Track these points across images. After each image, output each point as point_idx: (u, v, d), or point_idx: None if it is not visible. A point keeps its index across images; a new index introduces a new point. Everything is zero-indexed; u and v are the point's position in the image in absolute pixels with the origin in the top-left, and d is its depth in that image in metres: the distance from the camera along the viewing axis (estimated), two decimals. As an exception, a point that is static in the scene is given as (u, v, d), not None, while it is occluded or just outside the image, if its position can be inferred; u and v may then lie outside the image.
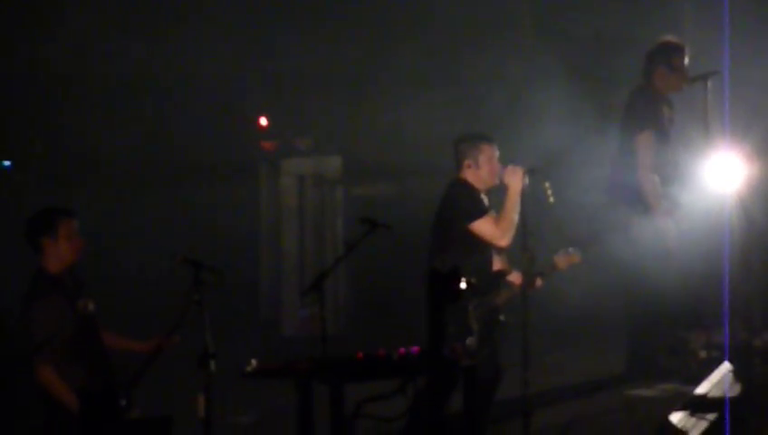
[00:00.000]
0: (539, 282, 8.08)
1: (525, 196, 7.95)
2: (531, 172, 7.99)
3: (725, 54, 8.81)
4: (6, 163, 12.16)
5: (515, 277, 8.05)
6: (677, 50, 9.86)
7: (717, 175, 9.02)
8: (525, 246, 7.81)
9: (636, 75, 10.01)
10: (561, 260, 8.27)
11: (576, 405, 9.30)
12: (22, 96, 11.88)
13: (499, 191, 8.16)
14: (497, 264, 8.14)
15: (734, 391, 7.85)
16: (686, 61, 9.82)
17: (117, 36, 12.01)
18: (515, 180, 7.97)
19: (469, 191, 8.11)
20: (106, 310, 7.58)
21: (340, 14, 12.67)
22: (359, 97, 12.56)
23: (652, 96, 9.82)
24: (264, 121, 13.20)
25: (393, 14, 12.45)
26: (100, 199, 11.77)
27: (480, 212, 8.04)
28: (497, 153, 8.19)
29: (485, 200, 8.16)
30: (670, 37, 9.94)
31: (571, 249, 8.32)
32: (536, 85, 11.76)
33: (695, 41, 10.32)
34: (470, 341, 7.60)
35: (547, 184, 8.00)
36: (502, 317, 8.01)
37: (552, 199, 8.02)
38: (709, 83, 9.24)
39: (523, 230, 7.86)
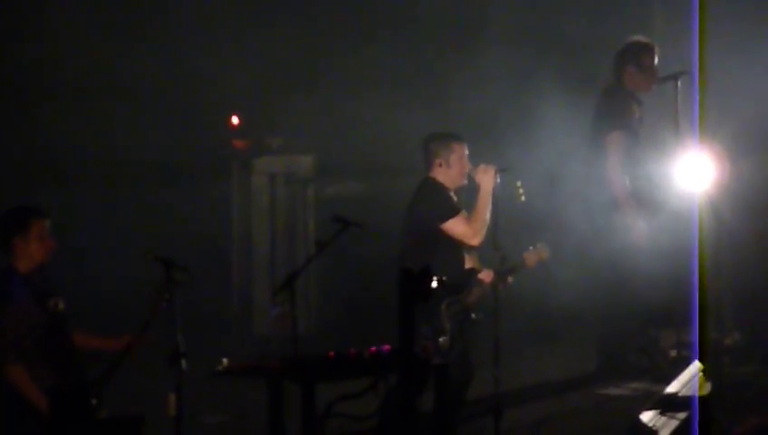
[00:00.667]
0: (509, 279, 8.09)
1: (497, 195, 7.97)
2: (502, 171, 8.00)
3: (695, 54, 8.84)
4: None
5: (486, 275, 8.06)
6: (647, 49, 9.89)
7: (687, 174, 9.05)
8: (497, 245, 7.83)
9: (605, 75, 10.04)
10: (531, 256, 8.29)
11: (547, 404, 9.31)
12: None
13: (468, 190, 8.18)
14: (468, 262, 8.15)
15: (705, 390, 7.87)
16: (656, 60, 9.86)
17: (87, 35, 11.94)
18: (487, 179, 7.98)
19: (440, 190, 8.11)
20: (76, 309, 7.55)
21: (314, 12, 12.65)
22: (331, 96, 12.53)
23: (622, 96, 9.86)
24: (235, 120, 13.17)
25: (368, 12, 12.42)
26: (71, 198, 11.69)
27: (452, 212, 8.04)
28: (467, 152, 8.21)
29: (455, 199, 8.17)
30: (639, 37, 9.98)
31: (539, 245, 8.34)
32: (512, 85, 11.76)
33: (665, 40, 10.36)
34: (443, 340, 7.60)
35: (519, 183, 8.02)
36: (473, 315, 8.01)
37: (523, 198, 8.04)
38: (679, 83, 9.28)
39: (495, 229, 7.87)
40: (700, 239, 8.90)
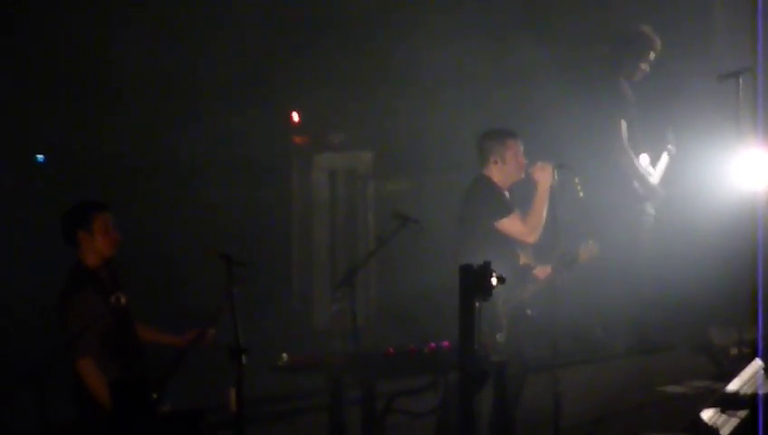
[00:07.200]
0: (564, 274, 8.08)
1: (554, 191, 7.96)
2: (560, 168, 8.00)
3: (759, 51, 8.78)
4: (40, 157, 12.21)
5: (541, 271, 8.05)
6: (652, 42, 10.40)
7: (749, 172, 9.01)
8: (555, 243, 7.81)
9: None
10: (585, 251, 8.30)
11: (606, 401, 9.29)
12: (54, 91, 11.91)
13: (524, 184, 8.19)
14: (522, 258, 8.15)
15: (766, 388, 7.84)
16: (653, 56, 10.44)
17: (149, 32, 12.02)
18: (545, 177, 7.98)
19: (493, 189, 8.13)
20: (143, 304, 7.63)
21: (371, 10, 12.65)
22: (391, 92, 12.54)
23: (613, 84, 10.41)
24: (296, 117, 13.23)
25: (423, 12, 12.41)
26: (135, 195, 11.79)
27: (505, 211, 8.06)
28: (522, 148, 8.22)
29: (508, 196, 8.18)
30: (645, 28, 10.47)
31: (591, 241, 8.35)
32: (566, 84, 11.72)
33: (726, 36, 10.32)
34: (500, 336, 7.61)
35: (576, 179, 8.01)
36: (529, 311, 8.00)
37: (581, 194, 8.02)
38: (741, 80, 9.21)
39: (554, 226, 7.86)
40: (763, 237, 8.86)
